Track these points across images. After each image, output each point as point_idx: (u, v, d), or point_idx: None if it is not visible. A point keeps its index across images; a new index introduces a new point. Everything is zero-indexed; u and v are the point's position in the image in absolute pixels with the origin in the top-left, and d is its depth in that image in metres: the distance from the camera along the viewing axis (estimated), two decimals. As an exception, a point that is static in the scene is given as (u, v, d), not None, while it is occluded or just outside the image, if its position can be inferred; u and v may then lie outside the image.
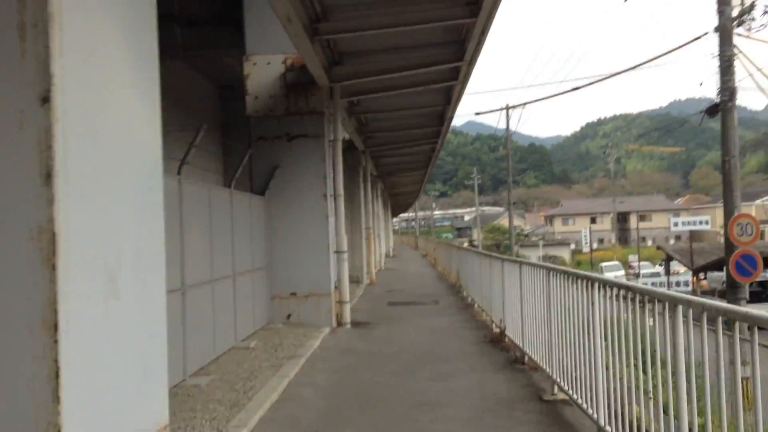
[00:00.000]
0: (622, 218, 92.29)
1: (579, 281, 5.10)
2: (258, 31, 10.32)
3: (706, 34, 13.69)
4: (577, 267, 65.62)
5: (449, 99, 12.98)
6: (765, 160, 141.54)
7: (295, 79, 10.24)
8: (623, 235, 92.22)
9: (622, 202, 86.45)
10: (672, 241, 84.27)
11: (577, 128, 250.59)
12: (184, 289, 6.49)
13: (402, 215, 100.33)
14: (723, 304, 3.05)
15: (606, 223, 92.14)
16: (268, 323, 10.15)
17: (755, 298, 29.23)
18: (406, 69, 10.02)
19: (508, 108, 41.95)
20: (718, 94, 12.97)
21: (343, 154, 18.49)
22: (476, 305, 12.59)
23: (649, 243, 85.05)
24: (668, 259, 36.44)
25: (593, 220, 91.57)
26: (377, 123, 15.93)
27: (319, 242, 10.27)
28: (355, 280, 18.57)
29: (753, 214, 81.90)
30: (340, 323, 10.61)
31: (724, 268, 30.66)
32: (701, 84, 20.18)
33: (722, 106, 12.83)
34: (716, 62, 13.61)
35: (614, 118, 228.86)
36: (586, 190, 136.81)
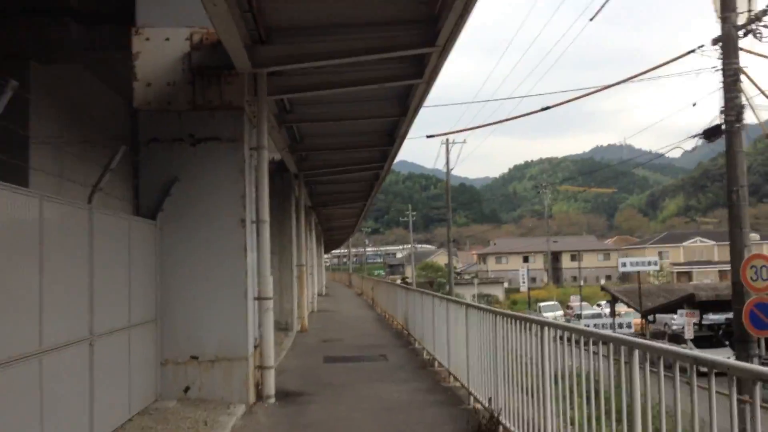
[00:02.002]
0: (554, 258, 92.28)
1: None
2: (155, -4, 7.57)
3: (701, 46, 11.80)
4: (513, 306, 64.28)
5: (406, 107, 10.46)
6: (683, 204, 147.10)
7: (204, 62, 7.48)
8: (555, 275, 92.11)
9: (555, 241, 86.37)
10: (602, 281, 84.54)
11: (505, 170, 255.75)
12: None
13: (333, 251, 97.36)
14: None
15: (538, 262, 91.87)
16: (156, 401, 7.16)
17: (705, 343, 27.85)
18: (355, 53, 7.43)
19: (448, 140, 40.26)
20: (721, 113, 10.99)
21: (272, 177, 15.70)
22: (437, 364, 9.94)
23: (581, 282, 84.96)
24: (614, 300, 34.92)
25: (525, 259, 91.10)
26: (314, 140, 13.26)
27: (233, 285, 7.42)
28: (283, 327, 15.62)
29: (681, 256, 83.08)
30: (260, 396, 7.72)
31: (679, 312, 29.15)
32: (694, 104, 18.18)
33: (728, 127, 10.83)
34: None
35: (540, 161, 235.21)
36: (514, 229, 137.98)
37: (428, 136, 18.12)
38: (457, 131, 30.08)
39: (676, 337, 28.97)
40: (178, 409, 6.98)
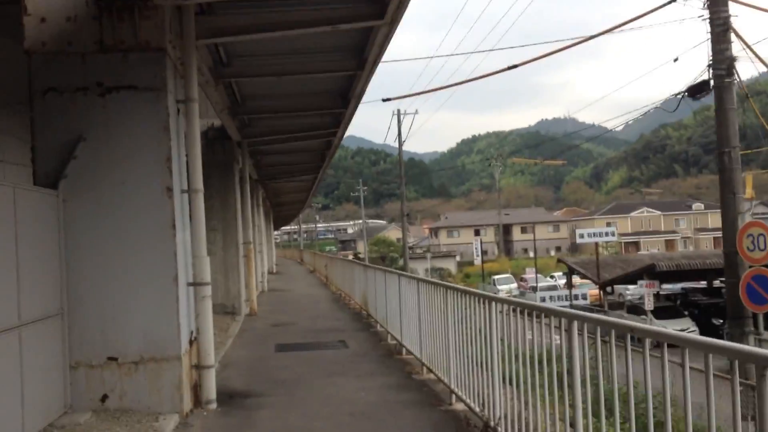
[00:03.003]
0: (505, 230, 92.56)
1: None
2: None
3: (681, -8, 10.77)
4: (467, 279, 63.98)
5: (363, 59, 9.08)
6: (627, 176, 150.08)
7: (113, -10, 5.97)
8: (507, 247, 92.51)
9: (507, 214, 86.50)
10: (552, 252, 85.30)
11: (453, 144, 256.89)
12: None
13: (284, 228, 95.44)
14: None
15: (489, 235, 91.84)
16: (65, 413, 5.75)
17: (665, 314, 27.59)
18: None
19: (399, 110, 38.98)
20: (709, 67, 10.00)
21: (212, 145, 14.17)
22: (405, 351, 8.78)
23: (531, 254, 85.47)
24: (570, 272, 34.51)
25: (477, 232, 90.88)
26: (258, 102, 11.78)
27: (160, 269, 6.02)
28: (230, 311, 14.22)
29: (629, 226, 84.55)
30: (198, 402, 6.39)
31: (639, 283, 28.79)
32: (676, 60, 16.96)
33: (717, 82, 9.85)
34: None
35: (488, 135, 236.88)
36: (464, 203, 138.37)
37: (384, 100, 16.85)
38: (416, 94, 28.50)
39: (635, 308, 28.66)
40: (93, 423, 5.60)
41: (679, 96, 10.86)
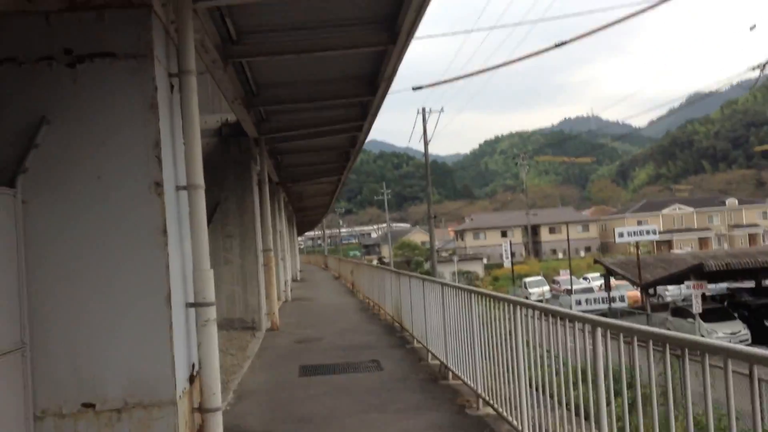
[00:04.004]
0: (533, 231, 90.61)
1: None
2: None
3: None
4: (495, 283, 62.24)
5: (395, 32, 7.70)
6: (654, 173, 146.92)
7: (82, -71, 4.67)
8: (535, 248, 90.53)
9: (535, 214, 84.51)
10: (582, 253, 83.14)
11: (476, 146, 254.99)
12: None
13: (307, 233, 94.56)
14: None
15: (517, 237, 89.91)
16: (28, 479, 4.44)
17: (713, 316, 25.81)
18: None
19: (425, 109, 37.55)
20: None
21: (228, 144, 12.83)
22: (451, 375, 7.38)
23: (560, 255, 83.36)
24: (608, 274, 32.80)
25: (503, 234, 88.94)
26: (275, 90, 10.44)
27: (147, 286, 4.69)
28: (249, 326, 12.93)
29: (661, 224, 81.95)
30: (201, 454, 5.05)
31: (686, 284, 27.00)
32: (753, 27, 16.28)
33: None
34: None
35: (510, 135, 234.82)
36: (488, 204, 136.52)
37: (415, 88, 15.48)
38: (448, 80, 26.81)
39: (681, 311, 26.91)
40: (62, 493, 4.28)
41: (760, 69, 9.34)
